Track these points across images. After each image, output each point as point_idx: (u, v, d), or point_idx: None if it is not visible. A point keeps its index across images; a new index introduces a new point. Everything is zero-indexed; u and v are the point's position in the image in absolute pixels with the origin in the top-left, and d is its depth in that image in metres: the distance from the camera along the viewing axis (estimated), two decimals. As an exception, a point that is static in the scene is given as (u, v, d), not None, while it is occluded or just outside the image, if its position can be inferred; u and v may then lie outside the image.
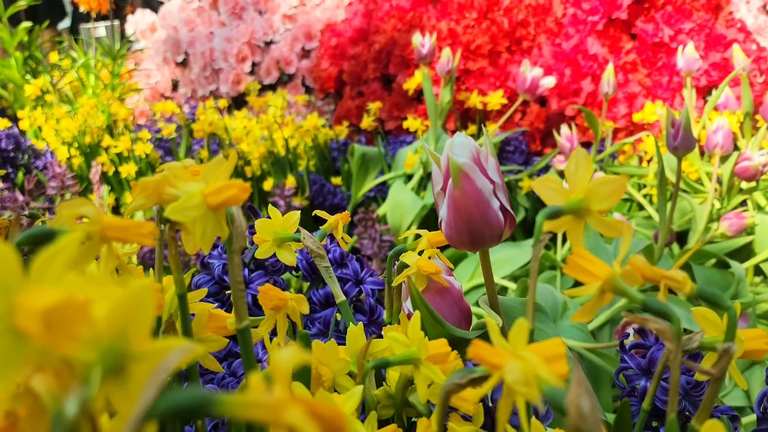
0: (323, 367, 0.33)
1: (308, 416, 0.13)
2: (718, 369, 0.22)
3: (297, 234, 0.38)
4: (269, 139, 1.46)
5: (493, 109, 1.36)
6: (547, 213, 0.25)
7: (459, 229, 0.32)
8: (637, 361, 0.38)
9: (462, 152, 0.31)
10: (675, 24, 1.36)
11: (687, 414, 0.38)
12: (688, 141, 0.74)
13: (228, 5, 2.02)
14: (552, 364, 0.20)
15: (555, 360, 0.20)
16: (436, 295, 0.36)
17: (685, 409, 0.38)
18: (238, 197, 0.24)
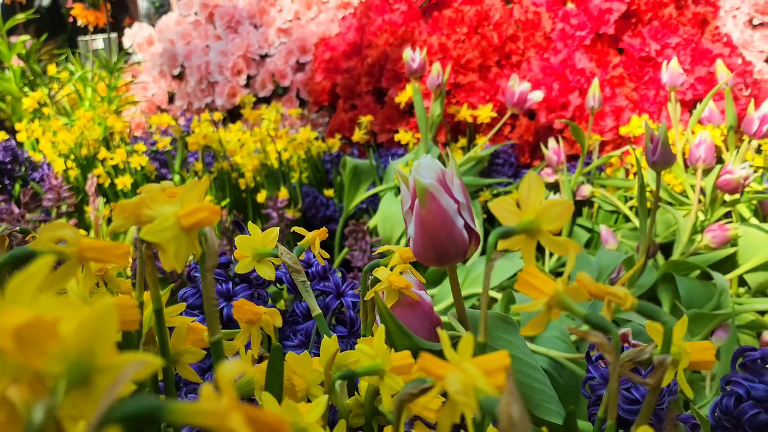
0: (297, 377, 0.34)
1: (248, 423, 0.14)
2: (655, 379, 0.24)
3: (275, 250, 0.40)
4: (263, 152, 1.48)
5: (483, 122, 1.38)
6: (500, 233, 0.27)
7: (426, 246, 0.33)
8: (601, 371, 0.40)
9: (428, 174, 0.33)
10: (661, 39, 1.38)
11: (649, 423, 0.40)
12: (667, 156, 0.76)
13: (224, 19, 2.04)
14: (492, 375, 0.22)
15: (496, 372, 0.22)
16: (407, 308, 0.38)
17: (646, 418, 0.39)
18: (209, 219, 0.26)
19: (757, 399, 0.34)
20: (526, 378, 0.40)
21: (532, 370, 0.40)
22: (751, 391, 0.34)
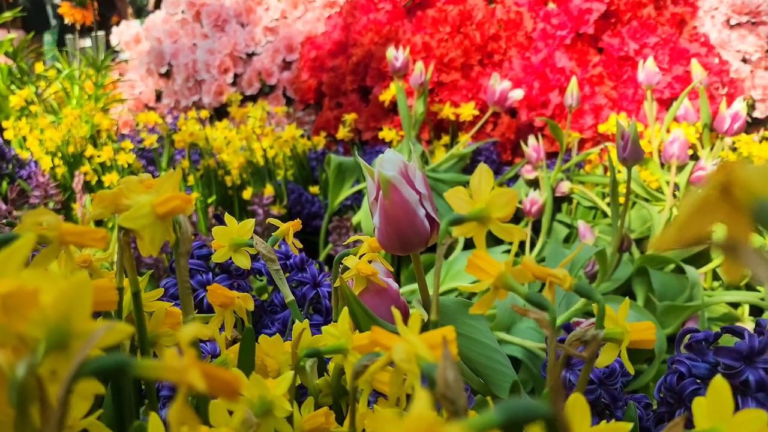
0: (269, 359, 0.36)
1: (205, 377, 0.16)
2: (588, 353, 0.26)
3: (251, 240, 0.42)
4: (248, 150, 1.50)
5: (465, 120, 1.41)
6: (451, 220, 0.29)
7: (389, 235, 0.36)
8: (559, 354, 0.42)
9: (391, 167, 0.35)
10: (640, 38, 1.41)
11: (603, 401, 0.43)
12: (637, 153, 0.79)
13: (211, 18, 2.05)
14: (438, 348, 0.24)
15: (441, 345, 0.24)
16: (375, 294, 0.40)
17: (600, 396, 0.42)
18: (182, 207, 0.28)
19: (698, 376, 0.36)
20: (488, 360, 0.42)
21: (494, 352, 0.42)
22: (692, 369, 0.36)
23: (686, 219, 0.12)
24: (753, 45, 1.57)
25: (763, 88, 1.56)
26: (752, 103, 1.59)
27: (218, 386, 0.17)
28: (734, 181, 0.12)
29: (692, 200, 0.12)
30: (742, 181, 0.11)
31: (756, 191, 0.11)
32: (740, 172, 0.11)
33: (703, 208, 0.12)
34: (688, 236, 0.12)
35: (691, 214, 0.12)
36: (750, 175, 0.11)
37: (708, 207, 0.12)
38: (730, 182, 0.12)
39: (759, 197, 0.11)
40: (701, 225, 0.12)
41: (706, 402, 0.24)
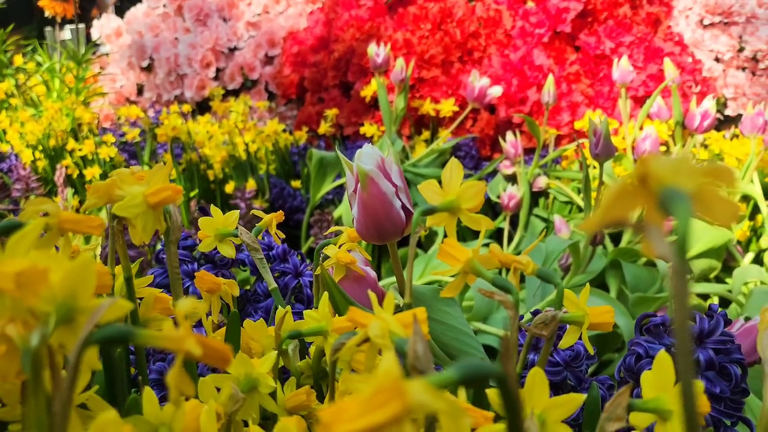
0: (254, 342, 0.38)
1: (200, 346, 0.19)
2: (548, 331, 0.29)
3: (236, 230, 0.44)
4: (231, 144, 1.51)
5: (445, 116, 1.43)
6: (423, 210, 0.31)
7: (367, 225, 0.38)
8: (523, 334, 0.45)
9: (368, 161, 0.37)
10: (616, 37, 1.44)
11: (569, 382, 0.45)
12: (608, 149, 0.82)
13: (193, 12, 2.06)
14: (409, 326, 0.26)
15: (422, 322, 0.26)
16: (354, 282, 0.42)
17: (566, 378, 0.44)
18: (172, 197, 0.30)
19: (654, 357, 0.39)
20: (461, 344, 0.44)
21: (467, 337, 0.45)
22: (649, 350, 0.39)
23: (609, 204, 0.14)
24: (725, 45, 1.61)
25: (735, 86, 1.60)
26: (724, 101, 1.63)
27: (212, 354, 0.19)
28: (649, 172, 0.14)
29: (615, 188, 0.14)
30: (654, 172, 0.14)
31: (663, 181, 0.13)
32: (653, 165, 0.14)
33: (623, 195, 0.14)
34: (610, 219, 0.14)
35: (614, 199, 0.14)
36: (660, 167, 0.14)
37: (628, 194, 0.14)
38: (646, 173, 0.14)
39: (665, 186, 0.13)
40: (622, 209, 0.14)
41: (651, 375, 0.26)
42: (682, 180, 0.13)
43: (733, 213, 0.14)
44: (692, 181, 0.14)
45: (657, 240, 0.13)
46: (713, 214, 0.14)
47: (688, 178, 0.14)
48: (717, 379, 0.37)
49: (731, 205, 0.14)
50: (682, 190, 0.13)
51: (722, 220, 0.14)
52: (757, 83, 1.59)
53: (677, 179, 0.14)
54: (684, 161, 0.14)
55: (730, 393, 0.36)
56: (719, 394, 0.36)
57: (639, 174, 0.14)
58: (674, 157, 0.14)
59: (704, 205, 0.14)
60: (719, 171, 0.14)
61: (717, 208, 0.14)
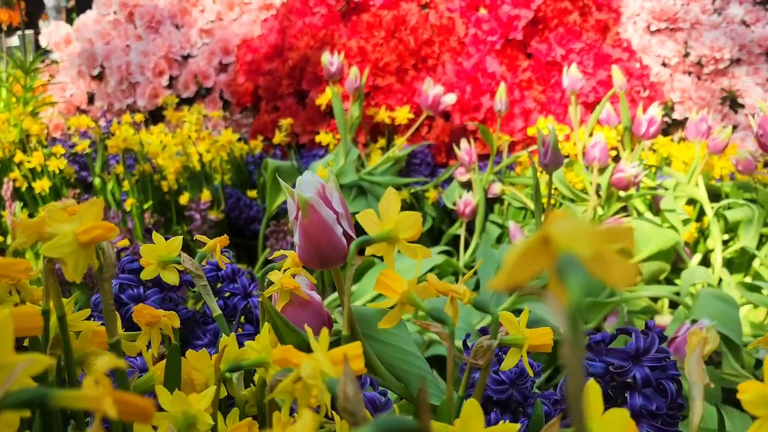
0: (196, 372, 0.38)
1: (118, 405, 0.18)
2: (484, 360, 0.29)
3: (178, 257, 0.43)
4: (184, 154, 1.49)
5: (401, 124, 1.44)
6: (360, 242, 0.31)
7: (309, 252, 0.38)
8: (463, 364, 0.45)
9: (309, 188, 0.37)
10: (566, 44, 1.47)
11: (515, 399, 0.46)
12: (557, 159, 0.83)
13: (144, 19, 2.02)
14: (352, 361, 0.26)
15: (354, 358, 0.27)
16: (298, 307, 0.42)
17: (512, 395, 0.45)
18: (104, 235, 0.29)
19: (594, 374, 0.40)
20: (409, 366, 0.45)
21: (414, 358, 0.45)
22: (589, 368, 0.40)
23: (514, 264, 0.14)
24: (672, 50, 1.65)
25: (682, 91, 1.65)
26: (672, 105, 1.67)
27: (131, 411, 0.19)
28: (549, 235, 0.14)
29: (520, 248, 0.14)
30: (553, 236, 0.14)
31: (561, 246, 0.14)
32: (554, 228, 0.14)
33: (528, 256, 0.14)
34: (515, 280, 0.14)
35: (518, 260, 0.14)
36: (559, 231, 0.14)
37: (532, 255, 0.14)
38: (548, 236, 0.14)
39: (562, 251, 0.14)
40: (527, 271, 0.14)
41: (582, 403, 0.27)
42: (579, 245, 0.14)
43: (631, 275, 0.14)
44: (590, 245, 0.14)
45: (554, 309, 0.13)
46: (611, 276, 0.14)
47: (585, 243, 0.14)
48: (654, 396, 0.38)
49: (629, 267, 0.14)
50: (578, 256, 0.14)
51: (620, 282, 0.14)
52: (702, 87, 1.64)
53: (575, 244, 0.14)
54: (583, 225, 0.14)
55: (666, 409, 0.37)
56: (656, 411, 0.37)
57: (541, 236, 0.15)
58: (574, 221, 0.14)
59: (603, 268, 0.14)
60: (618, 233, 0.15)
61: (615, 271, 0.14)
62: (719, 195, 1.25)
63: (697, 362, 0.28)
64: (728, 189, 1.22)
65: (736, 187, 1.21)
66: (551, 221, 0.15)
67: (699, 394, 0.27)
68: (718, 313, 0.92)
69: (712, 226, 1.11)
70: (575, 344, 0.13)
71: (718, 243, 1.11)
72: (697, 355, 0.29)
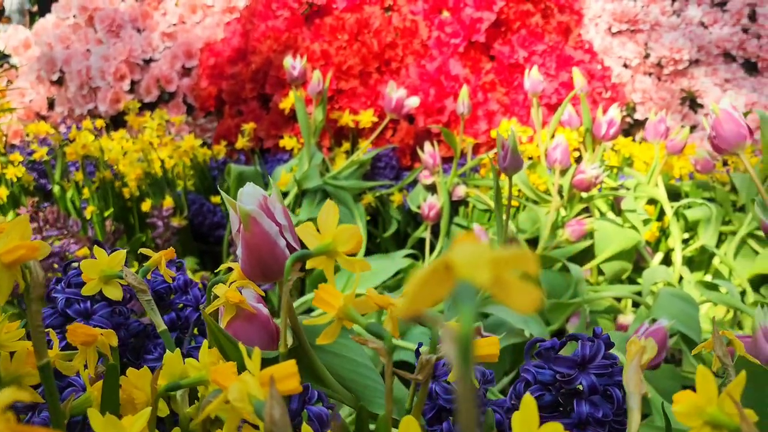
0: (137, 391, 0.37)
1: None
2: (423, 375, 0.29)
3: (121, 272, 0.42)
4: (146, 160, 1.46)
5: (365, 127, 1.43)
6: (297, 257, 0.31)
7: (252, 264, 0.37)
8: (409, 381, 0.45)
9: (250, 200, 0.36)
10: (529, 46, 1.48)
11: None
12: (516, 162, 0.83)
13: (104, 23, 1.99)
14: (285, 380, 0.26)
15: (288, 377, 0.26)
16: (245, 321, 0.41)
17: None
18: (28, 255, 0.28)
19: (543, 382, 0.40)
20: (359, 377, 0.44)
21: (366, 370, 0.45)
22: (537, 376, 0.39)
23: (416, 291, 0.14)
24: (632, 51, 1.68)
25: (643, 91, 1.67)
26: (633, 106, 1.69)
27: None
28: (449, 262, 0.14)
29: (423, 274, 0.14)
30: (453, 262, 0.14)
31: (460, 273, 0.13)
32: (454, 254, 0.14)
33: (430, 283, 0.14)
34: (417, 308, 0.14)
35: (420, 287, 0.14)
36: (459, 258, 0.14)
37: (434, 282, 0.14)
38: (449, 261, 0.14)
39: (460, 279, 0.13)
40: (428, 298, 0.14)
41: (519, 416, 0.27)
42: (479, 272, 0.13)
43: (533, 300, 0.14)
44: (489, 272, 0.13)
45: (445, 342, 0.13)
46: (514, 302, 0.14)
47: (485, 270, 0.13)
48: (601, 403, 0.38)
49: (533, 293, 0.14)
50: (475, 283, 0.13)
51: (522, 308, 0.14)
52: (662, 88, 1.66)
53: (474, 271, 0.13)
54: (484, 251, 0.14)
55: (613, 416, 0.37)
56: (602, 419, 0.37)
57: (443, 262, 0.14)
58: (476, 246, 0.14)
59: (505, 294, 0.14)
60: (521, 258, 0.14)
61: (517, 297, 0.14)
62: (679, 194, 1.27)
63: (635, 372, 0.28)
64: (688, 188, 1.24)
65: (696, 186, 1.23)
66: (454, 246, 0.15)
67: (636, 404, 0.27)
68: (678, 312, 0.93)
69: (672, 225, 1.13)
70: (465, 379, 0.12)
71: (678, 242, 1.12)
72: (635, 365, 0.29)
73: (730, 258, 1.13)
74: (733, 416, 0.24)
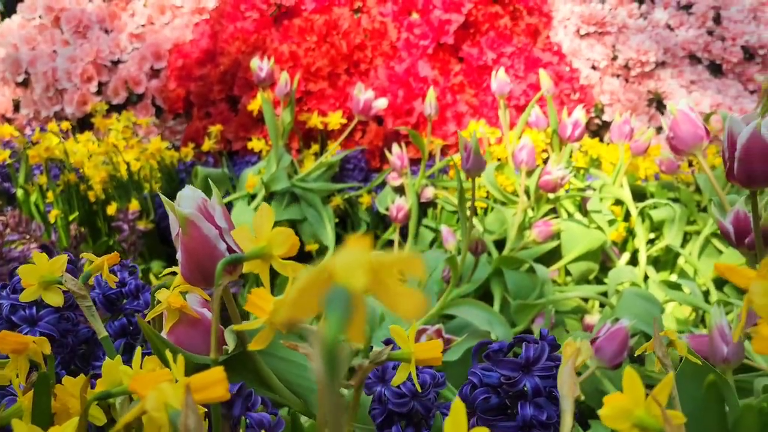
0: (73, 399, 0.36)
1: None
2: (356, 381, 0.28)
3: (61, 277, 0.41)
4: (111, 163, 1.44)
5: (334, 129, 1.43)
6: (229, 260, 0.30)
7: (191, 269, 0.36)
8: (374, 372, 0.44)
9: (188, 204, 0.36)
10: (497, 48, 1.48)
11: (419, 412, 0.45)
12: (479, 163, 0.83)
13: (71, 23, 1.96)
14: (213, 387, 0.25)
15: (214, 384, 0.25)
16: (189, 326, 0.40)
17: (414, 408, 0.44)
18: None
19: (490, 385, 0.39)
20: (307, 381, 0.43)
21: (312, 373, 0.44)
22: (483, 379, 0.39)
23: (295, 298, 0.13)
24: (601, 53, 1.69)
25: (611, 93, 1.68)
26: (602, 108, 1.71)
27: None
28: (329, 267, 0.13)
29: (302, 280, 0.13)
30: (333, 267, 0.13)
31: (337, 278, 0.13)
32: (336, 259, 0.13)
33: (309, 289, 0.13)
34: (296, 315, 0.13)
35: (300, 293, 0.13)
36: (338, 262, 0.13)
37: (314, 288, 0.13)
38: (329, 267, 0.13)
39: (335, 284, 0.13)
40: (308, 305, 0.13)
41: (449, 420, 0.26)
42: (356, 277, 0.13)
43: (417, 305, 0.13)
44: (366, 277, 0.13)
45: (313, 352, 0.12)
46: (398, 307, 0.13)
47: (362, 275, 0.13)
48: (546, 405, 0.38)
49: (417, 298, 0.13)
50: (352, 289, 0.13)
51: (406, 313, 0.13)
52: (630, 90, 1.68)
53: (351, 276, 0.13)
54: (366, 256, 0.14)
55: (557, 418, 0.37)
56: (546, 421, 0.37)
57: (323, 267, 0.14)
58: (359, 251, 0.14)
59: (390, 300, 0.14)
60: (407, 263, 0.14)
61: (401, 302, 0.13)
62: (645, 195, 1.28)
63: (569, 375, 0.28)
64: (653, 189, 1.25)
65: (661, 186, 1.25)
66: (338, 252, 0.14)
67: (569, 407, 0.27)
68: (641, 312, 0.94)
69: (636, 225, 1.14)
70: (331, 389, 0.12)
71: (643, 242, 1.13)
72: (569, 368, 0.28)
73: (695, 257, 1.14)
74: (659, 419, 0.24)
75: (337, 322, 0.12)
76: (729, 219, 0.70)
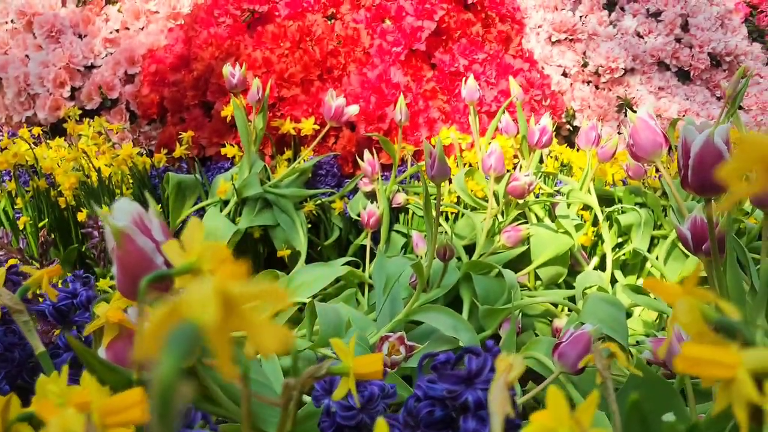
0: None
1: None
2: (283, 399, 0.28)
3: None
4: (80, 169, 1.43)
5: (307, 135, 1.42)
6: (156, 276, 0.30)
7: (127, 283, 0.36)
8: (321, 384, 0.44)
9: (123, 216, 0.35)
10: (469, 55, 1.49)
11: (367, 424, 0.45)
12: (443, 170, 0.83)
13: (44, 28, 1.94)
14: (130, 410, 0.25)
15: (133, 406, 0.25)
16: (128, 340, 0.40)
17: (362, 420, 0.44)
18: None
19: (434, 398, 0.39)
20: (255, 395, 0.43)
21: (262, 388, 0.44)
22: (428, 392, 0.39)
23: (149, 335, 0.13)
24: (571, 60, 1.70)
25: (581, 99, 1.70)
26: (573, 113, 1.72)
27: None
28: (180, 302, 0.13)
29: (157, 315, 0.13)
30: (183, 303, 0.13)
31: (185, 314, 0.13)
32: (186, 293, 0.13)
33: (164, 324, 0.13)
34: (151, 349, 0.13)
35: (153, 330, 0.13)
36: (187, 297, 0.13)
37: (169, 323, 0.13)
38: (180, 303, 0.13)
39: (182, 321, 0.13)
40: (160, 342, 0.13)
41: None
42: (205, 312, 0.13)
43: (280, 340, 0.13)
44: (221, 312, 0.13)
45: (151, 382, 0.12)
46: (259, 341, 0.13)
47: (214, 310, 0.13)
48: (489, 418, 0.38)
49: (281, 332, 0.13)
50: (200, 324, 0.13)
51: (268, 348, 0.13)
52: (600, 96, 1.69)
53: (201, 311, 0.13)
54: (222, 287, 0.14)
55: (498, 430, 0.37)
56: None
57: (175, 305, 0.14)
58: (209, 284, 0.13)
59: (250, 333, 0.13)
60: (268, 294, 0.14)
61: (262, 336, 0.13)
62: (613, 200, 1.29)
63: (500, 390, 0.28)
64: (621, 193, 1.26)
65: (629, 191, 1.26)
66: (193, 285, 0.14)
67: (498, 424, 0.27)
68: (606, 316, 0.94)
69: (603, 230, 1.14)
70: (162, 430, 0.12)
71: (609, 247, 1.14)
72: (501, 384, 0.28)
73: (662, 261, 1.15)
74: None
75: (172, 362, 0.12)
76: (687, 225, 0.70)
